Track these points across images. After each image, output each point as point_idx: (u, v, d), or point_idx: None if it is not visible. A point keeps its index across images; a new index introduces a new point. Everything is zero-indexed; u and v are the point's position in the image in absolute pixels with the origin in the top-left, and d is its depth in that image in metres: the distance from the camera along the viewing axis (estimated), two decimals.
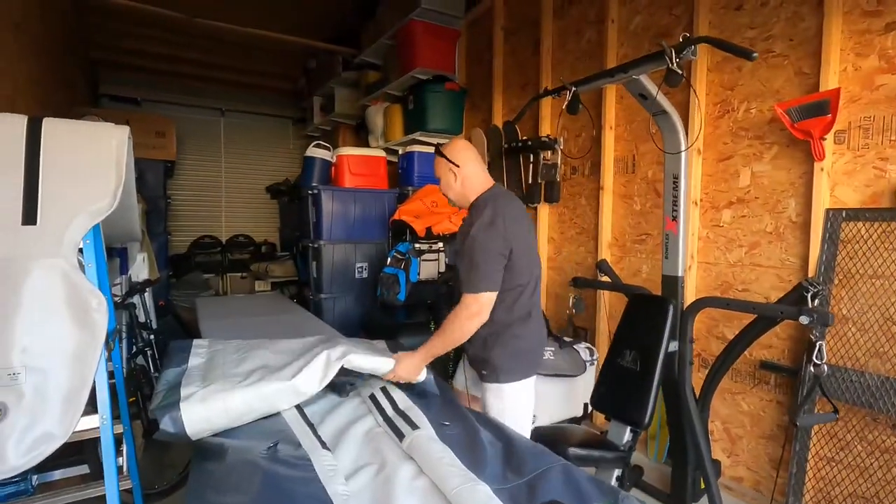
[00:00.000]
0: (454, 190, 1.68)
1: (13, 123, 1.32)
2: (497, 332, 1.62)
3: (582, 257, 3.21)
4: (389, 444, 1.29)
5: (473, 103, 4.20)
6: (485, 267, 1.52)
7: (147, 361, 2.48)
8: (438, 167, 1.70)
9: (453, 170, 1.65)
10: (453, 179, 1.66)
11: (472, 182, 1.66)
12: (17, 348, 1.24)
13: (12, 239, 1.27)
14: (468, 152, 1.69)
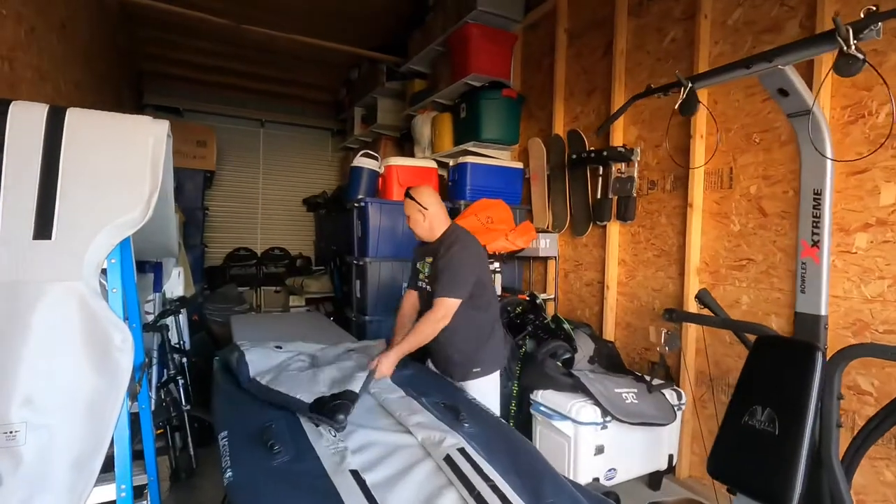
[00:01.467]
0: (422, 227, 2.08)
1: (30, 113, 1.07)
2: (486, 334, 2.07)
3: (661, 283, 2.82)
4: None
5: (529, 112, 3.89)
6: (461, 279, 1.94)
7: (178, 392, 2.22)
8: (408, 208, 2.08)
9: (422, 211, 2.05)
10: (422, 219, 2.07)
11: (437, 221, 2.08)
12: (17, 398, 0.97)
13: (21, 257, 1.01)
14: (433, 197, 2.09)
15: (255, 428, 1.36)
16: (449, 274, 1.92)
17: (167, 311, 2.23)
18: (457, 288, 1.91)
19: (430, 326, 1.89)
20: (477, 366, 2.03)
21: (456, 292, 1.91)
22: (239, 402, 1.64)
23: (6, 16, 1.86)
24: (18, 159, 1.04)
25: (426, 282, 2.06)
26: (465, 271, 1.94)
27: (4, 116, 1.04)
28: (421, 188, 2.12)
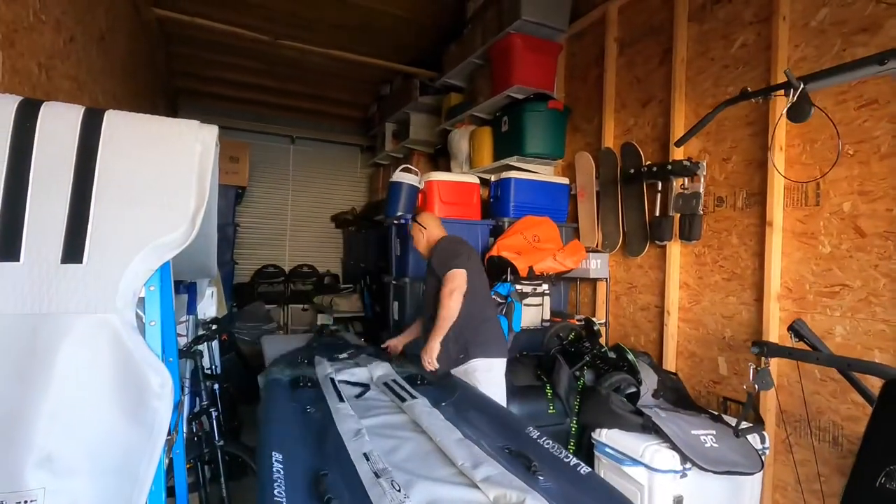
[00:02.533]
0: (421, 243, 2.50)
1: (64, 115, 0.92)
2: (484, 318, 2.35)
3: (732, 310, 2.55)
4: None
5: (575, 124, 3.70)
6: (455, 257, 2.27)
7: (211, 423, 2.03)
8: (413, 230, 2.52)
9: (422, 230, 2.48)
10: (421, 237, 2.49)
11: (432, 236, 2.46)
12: (34, 457, 0.79)
13: (46, 284, 0.85)
14: (432, 220, 2.54)
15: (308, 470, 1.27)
16: (443, 254, 2.30)
17: (203, 336, 2.08)
18: (452, 260, 2.24)
19: (447, 299, 2.16)
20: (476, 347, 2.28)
21: (454, 263, 2.22)
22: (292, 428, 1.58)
23: (45, 23, 1.76)
24: (48, 168, 0.88)
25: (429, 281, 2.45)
26: (451, 249, 2.32)
27: (35, 119, 0.89)
28: (423, 213, 2.57)
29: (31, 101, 0.91)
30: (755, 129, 2.45)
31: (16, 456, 0.78)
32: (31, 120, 0.90)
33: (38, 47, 1.70)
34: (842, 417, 2.08)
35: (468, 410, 1.78)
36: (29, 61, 1.65)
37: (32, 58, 1.67)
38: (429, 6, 4.33)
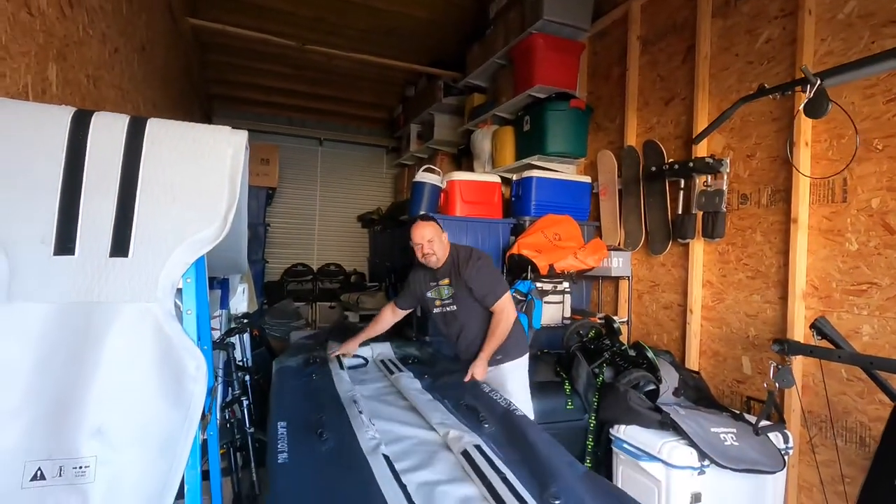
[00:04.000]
0: (441, 249, 2.26)
1: (112, 123, 1.02)
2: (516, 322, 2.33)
3: (756, 308, 2.52)
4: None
5: (597, 123, 3.69)
6: (499, 276, 2.35)
7: (243, 412, 2.16)
8: (430, 230, 2.24)
9: (440, 235, 2.28)
10: (440, 244, 2.27)
11: (447, 245, 2.32)
12: (88, 429, 0.89)
13: (97, 275, 0.95)
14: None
15: (309, 420, 1.59)
16: (489, 278, 2.22)
17: (235, 328, 2.20)
18: (503, 284, 2.26)
19: (504, 325, 2.18)
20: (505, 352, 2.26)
21: (504, 287, 2.25)
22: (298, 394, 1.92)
23: (92, 36, 1.90)
24: (99, 171, 0.98)
25: (446, 303, 2.29)
26: (492, 270, 2.27)
27: (87, 127, 0.99)
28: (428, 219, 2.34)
29: (84, 112, 1.02)
30: (780, 125, 2.41)
31: (72, 428, 0.88)
32: (84, 129, 1.00)
33: (86, 60, 1.85)
34: (869, 418, 2.03)
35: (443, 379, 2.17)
36: (79, 73, 1.79)
37: (82, 70, 1.81)
38: (452, 8, 4.39)
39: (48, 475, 0.86)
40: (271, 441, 1.47)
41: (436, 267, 2.27)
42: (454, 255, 2.27)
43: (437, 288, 2.30)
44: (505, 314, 2.17)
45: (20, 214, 0.93)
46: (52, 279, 0.92)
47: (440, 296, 2.29)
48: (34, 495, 0.85)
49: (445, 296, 2.27)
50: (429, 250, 2.20)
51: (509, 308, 2.20)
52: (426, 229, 2.22)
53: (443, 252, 2.25)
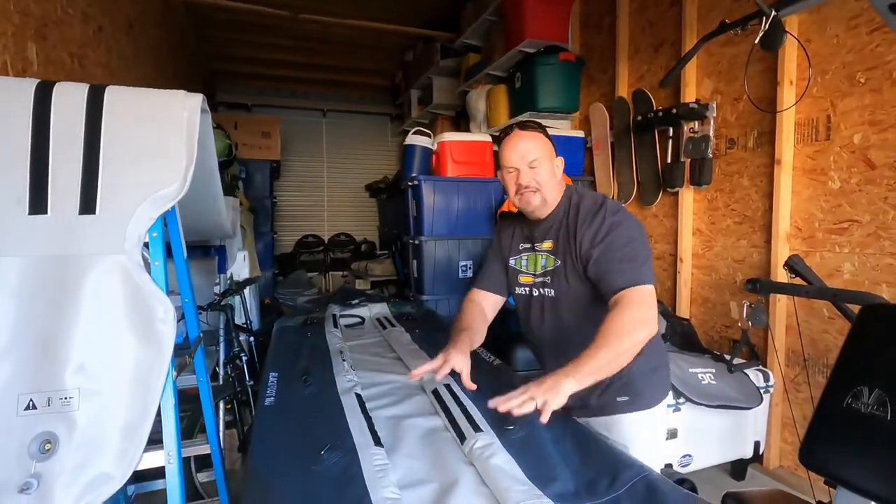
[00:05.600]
0: (552, 184, 1.29)
1: (72, 92, 1.10)
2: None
3: (744, 253, 2.53)
4: (450, 448, 1.17)
5: (590, 76, 3.64)
6: (645, 255, 1.21)
7: (243, 367, 2.32)
8: (540, 145, 1.27)
9: (557, 160, 1.32)
10: (555, 169, 1.30)
11: (561, 181, 1.34)
12: (71, 366, 1.01)
13: (69, 231, 1.04)
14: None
15: (297, 370, 1.68)
16: (625, 248, 1.17)
17: (227, 290, 2.33)
18: (646, 265, 1.18)
19: (634, 333, 1.08)
20: (627, 393, 1.30)
21: (647, 270, 1.17)
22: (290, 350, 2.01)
23: (73, 16, 1.97)
24: (63, 137, 1.07)
25: (540, 283, 1.33)
26: (641, 240, 1.22)
27: (50, 96, 1.08)
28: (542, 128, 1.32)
29: (46, 83, 1.10)
30: (765, 65, 2.35)
31: (57, 365, 1.00)
32: (47, 98, 1.08)
33: (68, 39, 1.92)
34: None
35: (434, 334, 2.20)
36: (61, 52, 1.87)
37: (64, 49, 1.89)
38: None
39: (39, 405, 0.98)
40: (262, 389, 1.60)
41: (537, 216, 1.31)
42: (570, 201, 1.30)
43: (529, 254, 1.36)
44: (640, 314, 1.11)
45: None
46: (28, 236, 1.02)
47: (533, 268, 1.35)
48: (28, 422, 0.97)
49: (541, 269, 1.33)
50: (530, 181, 1.24)
51: (648, 309, 1.13)
52: (529, 142, 1.25)
53: (554, 191, 1.28)
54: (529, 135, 1.27)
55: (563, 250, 1.29)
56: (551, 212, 1.31)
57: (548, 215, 1.31)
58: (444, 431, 1.26)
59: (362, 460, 1.05)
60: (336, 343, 2.07)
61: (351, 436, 1.17)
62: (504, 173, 1.31)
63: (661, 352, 1.39)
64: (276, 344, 2.18)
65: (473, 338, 1.35)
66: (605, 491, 0.91)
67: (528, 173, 1.25)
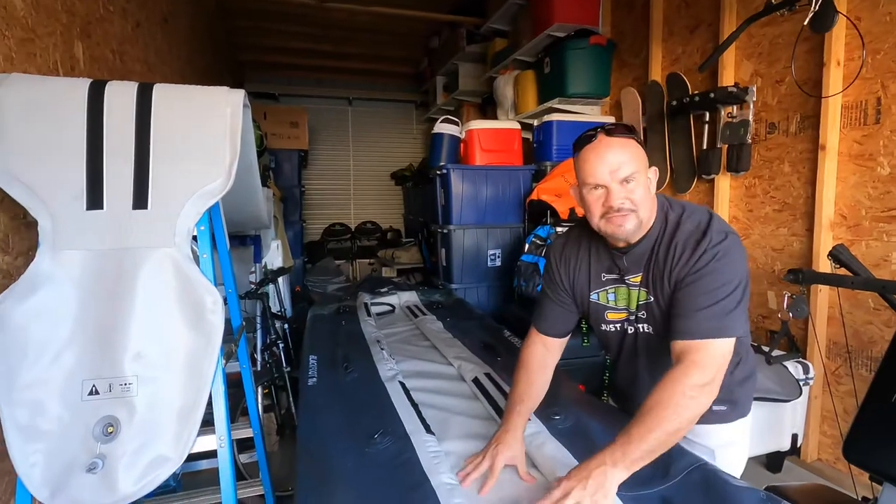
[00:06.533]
0: (648, 202, 1.05)
1: (123, 91, 1.14)
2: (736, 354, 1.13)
3: (783, 242, 2.45)
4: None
5: (622, 60, 3.54)
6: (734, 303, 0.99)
7: (280, 354, 2.39)
8: (634, 156, 1.03)
9: (649, 172, 1.07)
10: (650, 186, 1.07)
11: (653, 195, 1.09)
12: (129, 353, 1.06)
13: (124, 225, 1.09)
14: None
15: (336, 356, 1.76)
16: (717, 295, 0.99)
17: (265, 279, 2.40)
18: (734, 319, 0.99)
19: (690, 406, 0.92)
20: (724, 402, 1.17)
21: (734, 325, 0.99)
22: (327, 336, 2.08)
23: (113, 12, 2.03)
24: (116, 134, 1.11)
25: (634, 319, 1.16)
26: (741, 286, 1.01)
27: (102, 95, 1.12)
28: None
29: (98, 82, 1.14)
30: (810, 45, 2.25)
31: (116, 353, 1.06)
32: (100, 97, 1.12)
33: (110, 35, 1.98)
34: None
35: (465, 322, 2.28)
36: (104, 49, 1.92)
37: (107, 46, 1.95)
38: None
39: (101, 391, 1.04)
40: (302, 370, 1.66)
41: (626, 241, 1.10)
42: (665, 221, 1.09)
43: (619, 287, 1.17)
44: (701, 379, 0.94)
45: (57, 177, 1.08)
46: (86, 230, 1.07)
47: (626, 303, 1.17)
48: (92, 406, 1.03)
49: (635, 305, 1.15)
50: (623, 202, 1.02)
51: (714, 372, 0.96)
52: (622, 153, 1.02)
53: (649, 210, 1.07)
54: (621, 142, 1.02)
55: (654, 285, 1.09)
56: (643, 237, 1.08)
57: (639, 240, 1.09)
58: (489, 419, 1.28)
59: (416, 447, 1.08)
60: (372, 332, 2.11)
61: (401, 423, 1.20)
62: (585, 191, 1.06)
63: (752, 354, 1.28)
64: (311, 330, 2.24)
65: (531, 407, 1.18)
66: (660, 480, 0.92)
67: (620, 192, 1.01)
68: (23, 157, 1.06)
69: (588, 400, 1.46)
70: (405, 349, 2.00)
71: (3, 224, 1.19)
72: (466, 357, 1.78)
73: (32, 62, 1.36)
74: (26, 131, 1.07)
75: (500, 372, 1.61)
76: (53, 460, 1.00)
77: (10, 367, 1.01)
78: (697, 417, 0.94)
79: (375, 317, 2.49)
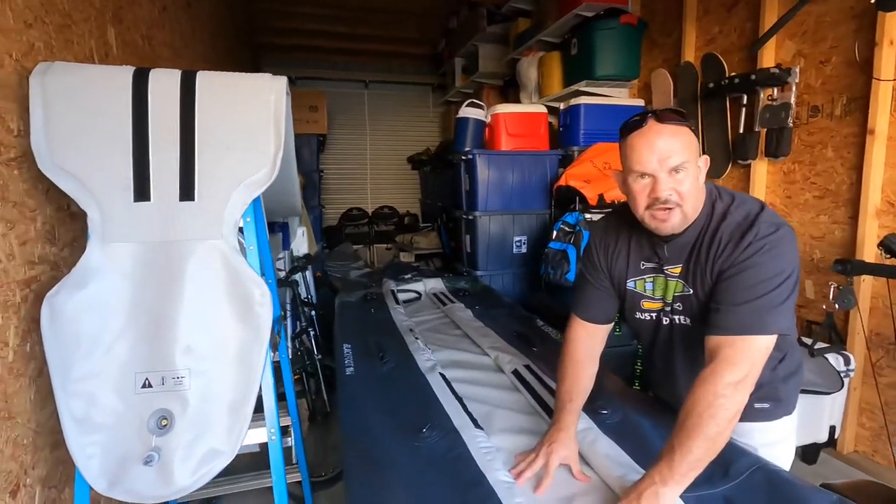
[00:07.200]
0: (695, 193, 1.00)
1: (166, 79, 1.11)
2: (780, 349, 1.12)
3: (824, 229, 2.38)
4: (545, 429, 1.12)
5: (652, 40, 3.43)
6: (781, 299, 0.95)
7: (310, 341, 2.40)
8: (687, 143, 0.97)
9: (699, 161, 1.02)
10: (699, 176, 1.01)
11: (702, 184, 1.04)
12: (180, 347, 1.06)
13: (171, 217, 1.08)
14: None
15: (370, 345, 1.74)
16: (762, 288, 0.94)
17: (296, 267, 2.40)
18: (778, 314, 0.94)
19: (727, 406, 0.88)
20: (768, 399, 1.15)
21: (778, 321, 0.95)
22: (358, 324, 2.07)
23: None
24: (161, 124, 1.09)
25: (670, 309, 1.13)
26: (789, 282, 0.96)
27: (146, 83, 1.09)
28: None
29: (142, 70, 1.11)
30: (861, 23, 2.14)
31: (167, 346, 1.05)
32: (144, 85, 1.10)
33: (139, 20, 1.95)
34: None
35: (494, 310, 2.25)
36: (135, 34, 1.90)
37: (137, 30, 1.92)
38: None
39: (154, 384, 1.04)
40: (339, 359, 1.65)
41: (669, 231, 1.03)
42: (712, 211, 1.05)
43: (657, 277, 1.13)
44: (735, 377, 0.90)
45: (104, 168, 1.07)
46: (135, 223, 1.06)
47: (662, 293, 1.13)
48: (146, 399, 1.03)
49: (671, 296, 1.12)
50: (670, 194, 0.98)
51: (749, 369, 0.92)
52: (673, 140, 0.97)
53: (696, 203, 1.02)
54: (672, 130, 0.96)
55: (694, 278, 1.05)
56: (687, 227, 1.03)
57: (684, 231, 1.04)
58: (534, 413, 1.26)
59: (467, 442, 1.07)
60: (403, 320, 2.10)
61: (448, 417, 1.19)
62: (630, 179, 1.01)
63: (798, 350, 1.23)
64: (341, 318, 2.23)
65: (580, 403, 1.15)
66: (721, 480, 0.89)
67: (667, 182, 0.96)
68: (70, 147, 1.04)
69: (632, 393, 1.44)
70: (437, 338, 1.98)
71: (49, 215, 1.18)
72: (501, 347, 1.76)
73: (70, 49, 1.33)
74: (72, 121, 1.05)
75: (538, 363, 1.58)
76: (110, 452, 1.00)
77: (64, 358, 1.01)
78: (737, 417, 0.90)
79: (403, 304, 2.49)
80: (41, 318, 1.00)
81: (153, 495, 1.00)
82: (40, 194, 1.14)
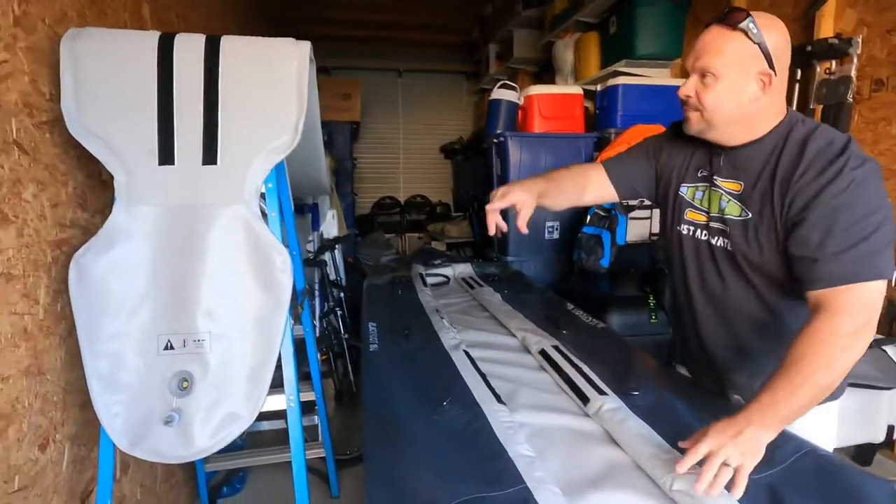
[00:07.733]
0: (730, 109, 0.94)
1: (191, 44, 1.11)
2: None
3: None
4: (571, 407, 1.14)
5: (696, 17, 3.24)
6: (884, 238, 0.86)
7: (338, 321, 2.40)
8: (730, 53, 0.90)
9: (763, 74, 0.91)
10: (758, 90, 0.91)
11: (776, 103, 0.95)
12: (202, 310, 1.06)
13: (194, 181, 1.08)
14: (788, 50, 0.95)
15: (395, 324, 1.70)
16: (861, 228, 0.85)
17: (323, 247, 2.41)
18: (885, 257, 0.86)
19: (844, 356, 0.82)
20: None
21: (885, 265, 0.86)
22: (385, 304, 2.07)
23: None
24: (185, 88, 1.09)
25: (716, 227, 1.05)
26: (889, 219, 0.87)
27: (171, 48, 1.09)
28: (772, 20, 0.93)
29: (167, 35, 1.11)
30: None
31: (189, 309, 1.06)
32: (169, 50, 1.10)
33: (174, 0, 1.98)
34: None
35: (523, 294, 2.19)
36: (170, 13, 1.93)
37: (172, 10, 1.95)
38: None
39: (176, 346, 1.04)
40: (364, 336, 1.64)
41: (693, 132, 1.01)
42: (788, 133, 0.95)
43: (708, 187, 1.07)
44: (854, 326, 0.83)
45: (132, 131, 1.07)
46: (159, 185, 1.07)
47: (708, 205, 1.07)
48: (168, 360, 1.04)
49: (721, 210, 1.04)
50: (685, 96, 0.97)
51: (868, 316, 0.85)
52: (717, 42, 0.92)
53: (730, 118, 0.96)
54: (722, 32, 0.91)
55: (760, 202, 0.96)
56: (751, 141, 0.97)
57: (744, 143, 0.98)
58: (560, 392, 1.21)
59: (489, 416, 1.03)
60: (429, 301, 2.08)
61: (470, 391, 1.15)
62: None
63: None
64: (368, 298, 2.23)
65: (550, 192, 1.20)
66: (766, 465, 0.82)
67: (690, 84, 0.95)
68: (97, 110, 1.05)
69: (664, 373, 1.36)
70: (464, 319, 1.95)
71: (80, 182, 1.21)
72: (530, 329, 1.70)
73: (104, 20, 1.35)
74: (100, 85, 1.06)
75: (567, 344, 1.52)
76: (132, 411, 1.01)
77: (92, 318, 1.02)
78: (849, 369, 0.83)
79: (431, 287, 2.46)
80: (69, 278, 1.02)
81: (174, 455, 1.01)
82: (71, 160, 1.16)
